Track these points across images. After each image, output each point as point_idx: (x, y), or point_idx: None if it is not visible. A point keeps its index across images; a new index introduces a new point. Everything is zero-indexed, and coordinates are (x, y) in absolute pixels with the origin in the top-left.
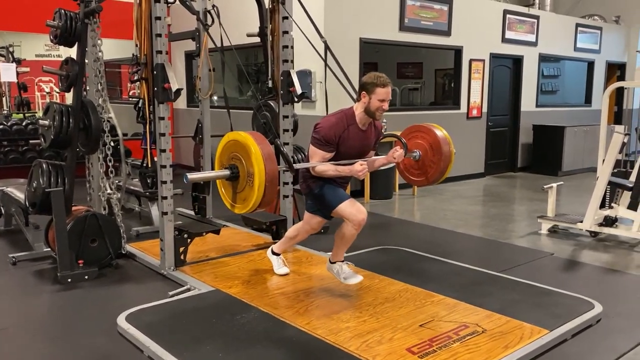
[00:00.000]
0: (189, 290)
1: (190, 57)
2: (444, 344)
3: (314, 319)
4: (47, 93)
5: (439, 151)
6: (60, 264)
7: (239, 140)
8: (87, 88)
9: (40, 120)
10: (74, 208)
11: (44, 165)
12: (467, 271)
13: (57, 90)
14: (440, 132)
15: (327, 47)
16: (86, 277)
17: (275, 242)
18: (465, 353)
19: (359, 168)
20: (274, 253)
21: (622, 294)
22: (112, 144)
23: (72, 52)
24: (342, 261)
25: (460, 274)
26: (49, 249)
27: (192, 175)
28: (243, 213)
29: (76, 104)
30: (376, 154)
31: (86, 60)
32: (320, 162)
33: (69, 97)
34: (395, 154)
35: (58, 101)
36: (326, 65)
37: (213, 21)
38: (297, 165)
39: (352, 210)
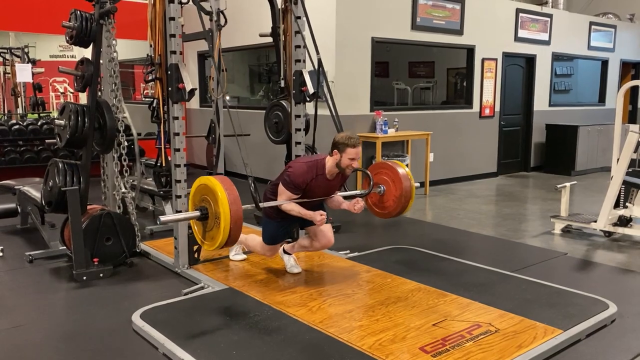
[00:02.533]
0: (202, 288)
1: (203, 57)
2: (457, 343)
3: (327, 317)
4: (62, 93)
5: (399, 186)
6: (76, 262)
7: (208, 185)
8: (102, 88)
9: (56, 120)
10: (89, 207)
11: (60, 165)
12: (479, 271)
13: (71, 90)
14: (402, 170)
15: (320, 64)
16: (101, 275)
17: (288, 242)
18: (478, 352)
19: (319, 218)
20: (286, 252)
21: (637, 294)
22: (126, 143)
23: (87, 52)
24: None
25: (473, 274)
26: (65, 247)
27: (165, 218)
28: (212, 250)
29: (91, 104)
30: (344, 189)
31: (101, 61)
32: (286, 201)
33: (82, 97)
34: (356, 205)
35: (73, 101)
36: (318, 77)
37: (226, 21)
38: (263, 204)
39: (263, 251)
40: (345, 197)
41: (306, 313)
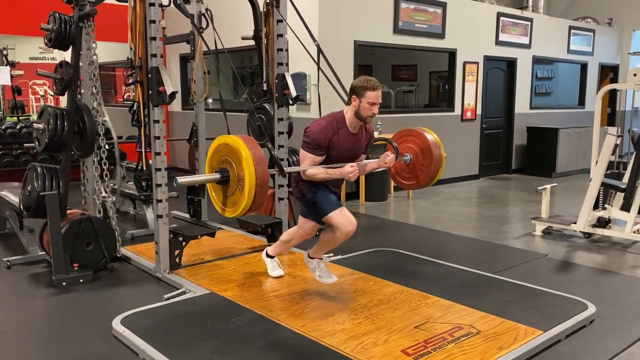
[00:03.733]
0: (184, 293)
1: (185, 59)
2: (438, 345)
3: (309, 321)
4: (42, 96)
5: (429, 155)
6: (55, 267)
7: (229, 144)
8: (82, 91)
9: (34, 124)
10: (68, 211)
11: (39, 169)
12: (461, 273)
13: (52, 93)
14: (430, 136)
15: (319, 50)
16: (81, 280)
17: (270, 245)
18: (459, 354)
19: (350, 170)
20: (268, 256)
21: (615, 294)
22: (106, 147)
23: (67, 55)
24: (321, 259)
25: (455, 276)
26: (44, 252)
27: (182, 179)
28: (233, 216)
29: (71, 107)
30: (367, 158)
31: (80, 64)
32: (310, 166)
33: (63, 101)
34: (386, 159)
35: (52, 104)
36: (319, 68)
37: (207, 24)
38: (287, 169)
39: (343, 220)
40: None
41: (288, 317)
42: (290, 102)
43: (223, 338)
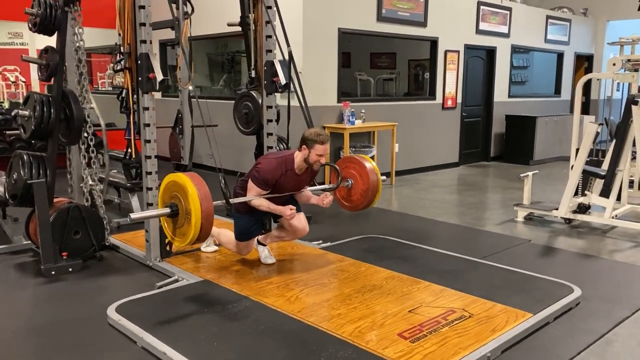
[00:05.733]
0: (177, 281)
1: (164, 46)
2: (433, 329)
3: (305, 307)
4: (13, 82)
5: (367, 180)
6: (44, 256)
7: (177, 182)
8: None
9: (20, 111)
10: (55, 200)
11: (25, 157)
12: (449, 258)
13: (23, 79)
14: (369, 164)
15: (290, 57)
16: (70, 269)
17: (261, 233)
18: (454, 337)
19: (288, 213)
20: (259, 243)
21: (597, 278)
22: (92, 135)
23: (40, 40)
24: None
25: (443, 261)
26: (30, 241)
27: (135, 215)
28: (182, 247)
29: (57, 94)
30: (313, 184)
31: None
32: (256, 197)
33: (35, 87)
34: (325, 200)
35: (32, 90)
36: (296, 72)
37: (193, 10)
38: (233, 200)
39: (241, 247)
40: (314, 192)
41: (284, 303)
42: (280, 89)
43: (220, 325)
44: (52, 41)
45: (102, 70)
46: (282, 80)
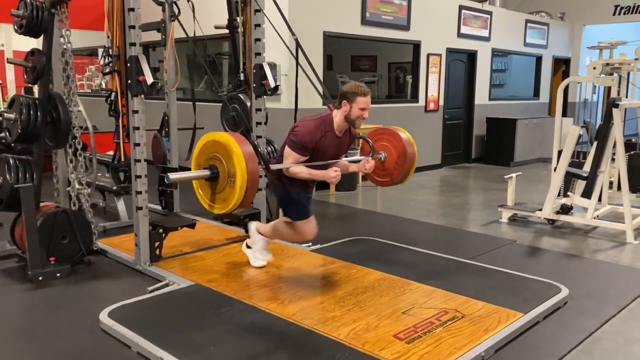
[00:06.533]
0: (167, 285)
1: (146, 48)
2: (427, 330)
3: (300, 309)
4: None
5: (403, 153)
6: (31, 261)
7: (219, 141)
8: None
9: (5, 114)
10: (42, 204)
11: (11, 160)
12: (438, 259)
13: None
14: (404, 135)
15: (298, 44)
16: (58, 274)
17: (248, 236)
18: (449, 337)
19: (333, 174)
20: (248, 247)
21: (582, 277)
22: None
23: (19, 41)
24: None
25: (433, 262)
26: (15, 246)
27: (174, 176)
28: (223, 213)
29: (44, 97)
30: (346, 156)
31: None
32: (294, 164)
33: (11, 88)
34: (366, 165)
35: (18, 93)
36: (297, 62)
37: (179, 12)
38: (273, 166)
39: (308, 229)
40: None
41: (278, 306)
42: (269, 92)
43: (215, 328)
44: (31, 42)
45: (81, 72)
46: (272, 83)
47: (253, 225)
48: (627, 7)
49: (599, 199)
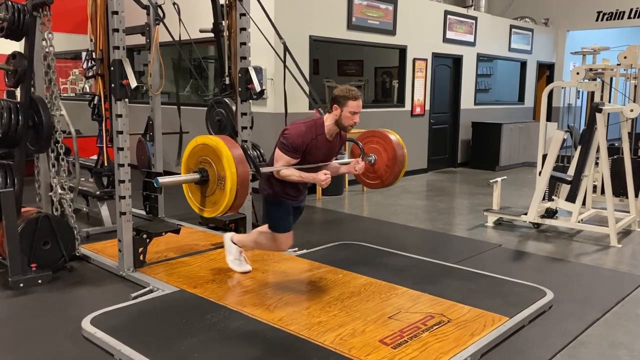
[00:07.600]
0: (151, 291)
1: (131, 51)
2: (414, 334)
3: (285, 315)
4: None
5: (393, 155)
6: (12, 268)
7: (209, 144)
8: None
9: None
10: (23, 209)
11: None
12: (424, 263)
13: None
14: (394, 137)
15: (285, 48)
16: (40, 281)
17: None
18: (435, 342)
19: (323, 178)
20: (234, 243)
21: (567, 280)
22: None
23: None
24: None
25: (419, 267)
26: None
27: (163, 180)
28: (213, 216)
29: (25, 101)
30: (336, 159)
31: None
32: (285, 167)
33: None
34: (357, 166)
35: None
36: (285, 66)
37: (164, 15)
38: (263, 169)
39: (284, 243)
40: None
41: (264, 312)
42: (254, 96)
43: (200, 335)
44: (13, 45)
45: (65, 76)
46: (257, 87)
47: (227, 235)
48: (609, 13)
49: (583, 203)
